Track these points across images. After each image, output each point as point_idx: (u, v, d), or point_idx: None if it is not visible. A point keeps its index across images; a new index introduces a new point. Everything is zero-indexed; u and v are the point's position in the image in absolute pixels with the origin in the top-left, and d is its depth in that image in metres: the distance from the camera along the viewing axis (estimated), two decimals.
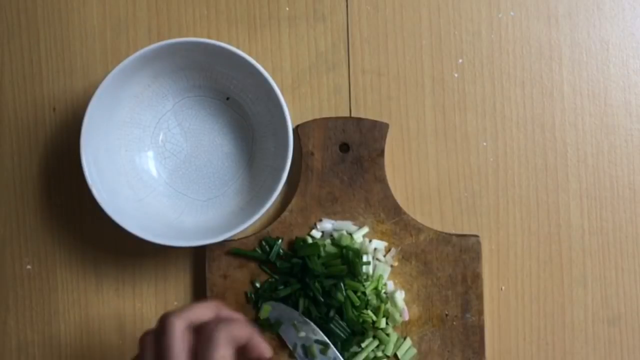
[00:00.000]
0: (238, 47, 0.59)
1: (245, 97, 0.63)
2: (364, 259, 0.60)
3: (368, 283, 0.60)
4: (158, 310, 0.64)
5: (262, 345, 0.49)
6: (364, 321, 0.59)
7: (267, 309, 0.60)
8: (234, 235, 0.59)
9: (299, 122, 0.63)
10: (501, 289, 0.63)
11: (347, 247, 0.60)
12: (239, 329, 0.47)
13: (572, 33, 0.64)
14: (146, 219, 0.61)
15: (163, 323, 0.47)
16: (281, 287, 0.61)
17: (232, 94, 0.63)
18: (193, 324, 0.47)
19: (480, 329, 0.61)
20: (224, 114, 0.64)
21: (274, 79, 0.59)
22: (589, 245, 0.63)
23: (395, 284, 0.61)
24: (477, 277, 0.61)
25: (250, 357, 0.49)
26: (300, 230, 0.62)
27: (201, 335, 0.47)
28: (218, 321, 0.47)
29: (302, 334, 0.59)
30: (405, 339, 0.61)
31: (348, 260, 0.60)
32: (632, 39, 0.64)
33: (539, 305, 0.63)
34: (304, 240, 0.61)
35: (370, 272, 0.61)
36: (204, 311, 0.49)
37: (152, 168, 0.64)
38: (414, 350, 0.61)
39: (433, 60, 0.64)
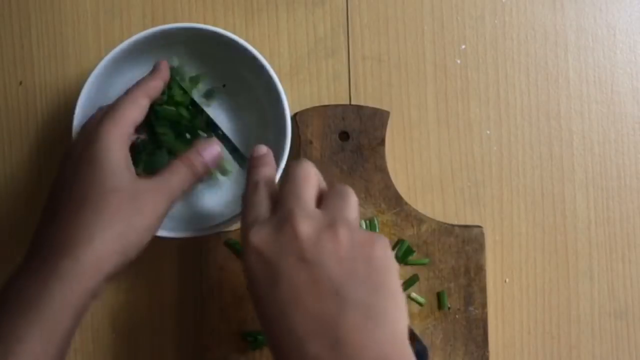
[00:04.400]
0: (234, 33, 0.57)
1: (242, 83, 0.62)
2: None
3: None
4: (152, 304, 0.62)
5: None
6: None
7: None
8: (230, 227, 0.58)
9: (297, 109, 0.62)
10: (505, 281, 0.62)
11: None
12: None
13: (578, 18, 0.63)
14: None
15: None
16: None
17: (228, 81, 0.62)
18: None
19: (483, 322, 0.60)
20: (220, 100, 0.63)
21: (271, 65, 0.57)
22: (595, 237, 0.62)
23: None
24: (480, 269, 0.60)
25: None
26: None
27: None
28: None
29: None
30: None
31: None
32: (639, 24, 0.63)
33: (543, 298, 0.62)
34: None
35: None
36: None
37: None
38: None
39: (435, 46, 0.63)
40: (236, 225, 0.60)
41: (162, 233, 0.56)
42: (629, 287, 0.62)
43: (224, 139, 0.59)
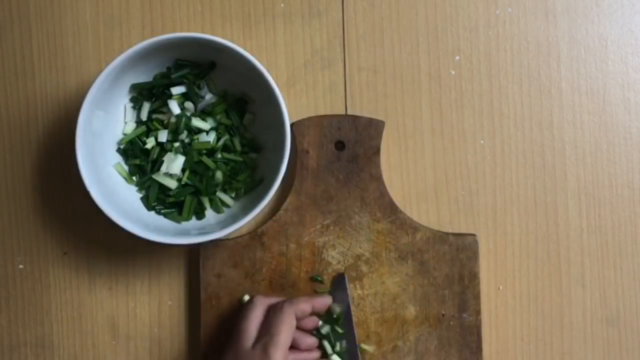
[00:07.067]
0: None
1: (241, 93, 0.62)
2: None
3: None
4: (152, 310, 0.63)
5: (322, 301, 0.59)
6: None
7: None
8: (229, 234, 0.58)
9: (294, 119, 0.62)
10: (499, 288, 0.63)
11: None
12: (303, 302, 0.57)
13: (570, 30, 0.64)
14: (141, 217, 0.60)
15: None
16: None
17: (228, 90, 0.63)
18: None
19: (477, 328, 0.60)
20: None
21: None
22: (587, 245, 0.63)
23: None
24: (474, 277, 0.61)
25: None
26: (295, 229, 0.61)
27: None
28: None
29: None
30: None
31: None
32: (631, 36, 0.64)
33: (536, 305, 0.63)
34: None
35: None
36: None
37: None
38: None
39: (430, 57, 0.64)
40: (233, 234, 0.61)
41: (161, 240, 0.57)
42: (620, 294, 0.63)
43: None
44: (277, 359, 0.53)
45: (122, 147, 0.62)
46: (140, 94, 0.62)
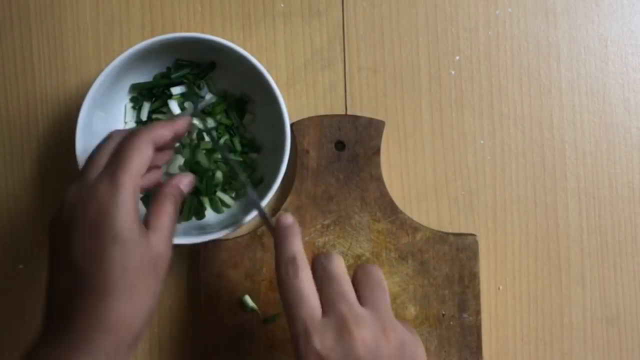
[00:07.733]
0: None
1: (241, 93, 0.62)
2: None
3: None
4: None
5: (183, 123, 0.53)
6: None
7: None
8: (229, 234, 0.58)
9: (294, 119, 0.62)
10: (499, 288, 0.63)
11: None
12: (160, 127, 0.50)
13: (570, 30, 0.64)
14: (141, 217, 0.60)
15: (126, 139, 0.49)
16: None
17: (228, 90, 0.63)
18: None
19: (477, 329, 0.60)
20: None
21: None
22: (587, 245, 0.63)
23: None
24: (474, 277, 0.61)
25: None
26: None
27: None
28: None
29: None
30: None
31: None
32: (631, 36, 0.64)
33: (536, 305, 0.63)
34: None
35: None
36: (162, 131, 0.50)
37: None
38: None
39: (430, 57, 0.64)
40: (233, 234, 0.61)
41: None
42: (620, 294, 0.63)
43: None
44: (125, 183, 0.45)
45: None
46: (140, 94, 0.62)
